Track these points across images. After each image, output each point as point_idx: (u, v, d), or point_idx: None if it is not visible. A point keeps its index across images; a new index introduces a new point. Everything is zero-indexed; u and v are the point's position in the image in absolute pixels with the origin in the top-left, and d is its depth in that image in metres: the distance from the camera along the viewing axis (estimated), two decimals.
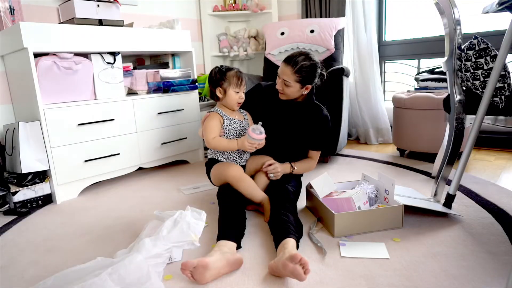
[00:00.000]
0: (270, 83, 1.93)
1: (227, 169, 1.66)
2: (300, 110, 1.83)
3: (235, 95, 1.70)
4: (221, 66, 1.75)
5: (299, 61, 1.69)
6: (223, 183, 1.70)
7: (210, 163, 1.78)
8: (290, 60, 1.70)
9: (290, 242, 1.27)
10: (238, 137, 1.73)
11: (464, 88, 1.60)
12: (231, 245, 1.31)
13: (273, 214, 1.46)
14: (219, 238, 1.35)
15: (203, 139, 1.76)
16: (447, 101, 1.69)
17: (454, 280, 1.13)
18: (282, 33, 2.90)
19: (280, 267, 1.14)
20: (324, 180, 1.66)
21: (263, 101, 1.89)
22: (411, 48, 3.09)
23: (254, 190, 1.64)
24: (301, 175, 1.91)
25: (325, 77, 1.82)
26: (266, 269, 1.23)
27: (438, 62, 2.89)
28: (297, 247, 1.31)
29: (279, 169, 1.72)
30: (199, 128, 1.81)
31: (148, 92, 2.52)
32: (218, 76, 1.70)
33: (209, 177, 1.82)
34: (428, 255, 1.28)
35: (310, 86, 1.76)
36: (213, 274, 1.17)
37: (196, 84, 2.68)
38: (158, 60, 2.86)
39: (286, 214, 1.42)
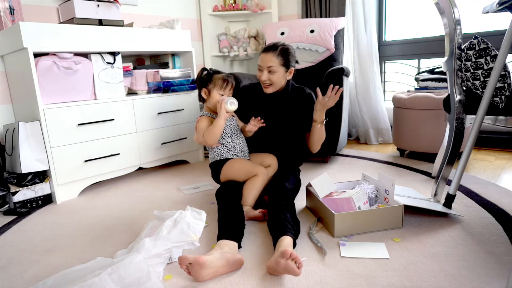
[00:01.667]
0: (252, 82, 1.96)
1: (258, 165, 1.71)
2: (285, 97, 1.86)
3: (218, 97, 1.71)
4: (210, 69, 1.78)
5: (278, 45, 1.76)
6: (227, 181, 1.70)
7: (217, 164, 1.77)
8: (269, 48, 1.77)
9: (285, 240, 1.27)
10: (233, 133, 1.76)
11: (464, 88, 1.60)
12: (232, 244, 1.31)
13: (271, 213, 1.47)
14: (220, 237, 1.35)
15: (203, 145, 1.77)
16: (447, 101, 1.69)
17: (454, 280, 1.12)
18: (282, 33, 2.90)
19: (274, 265, 1.15)
20: (324, 180, 1.66)
21: (250, 100, 1.91)
22: (411, 48, 3.09)
23: (256, 195, 1.66)
24: (299, 171, 1.91)
25: (297, 62, 1.87)
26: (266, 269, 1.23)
27: (438, 62, 2.89)
28: (294, 244, 1.31)
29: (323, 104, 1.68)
30: (194, 135, 1.82)
31: (148, 92, 2.52)
32: (205, 78, 1.74)
33: (214, 178, 1.83)
34: (428, 255, 1.28)
35: (293, 69, 1.81)
36: (211, 272, 1.17)
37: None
38: (158, 60, 2.86)
39: (284, 213, 1.42)
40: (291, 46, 1.82)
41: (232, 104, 1.65)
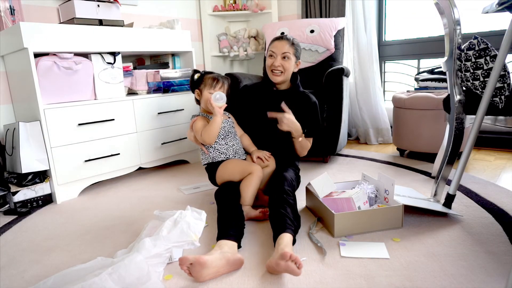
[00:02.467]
0: (254, 82, 1.98)
1: (251, 163, 1.73)
2: (287, 98, 1.86)
3: (209, 95, 1.73)
4: (203, 70, 1.83)
5: (289, 36, 1.85)
6: (226, 181, 1.71)
7: (211, 167, 1.78)
8: (282, 37, 1.84)
9: (284, 237, 1.28)
10: (227, 135, 1.77)
11: (464, 88, 1.60)
12: (231, 244, 1.31)
13: (272, 206, 1.47)
14: (219, 237, 1.35)
15: (197, 142, 1.79)
16: (447, 101, 1.69)
17: (454, 280, 1.13)
18: (282, 33, 2.90)
19: (274, 266, 1.16)
20: (324, 180, 1.66)
21: (252, 99, 1.93)
22: (411, 48, 3.09)
23: (253, 193, 1.66)
24: (299, 170, 1.91)
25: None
26: (267, 269, 1.23)
27: (438, 62, 2.90)
28: (294, 241, 1.33)
29: (290, 120, 1.72)
30: (188, 131, 1.82)
31: (148, 92, 2.52)
32: (197, 79, 1.78)
33: (211, 180, 1.83)
34: (428, 255, 1.28)
35: (300, 62, 1.88)
36: (211, 272, 1.17)
37: None
38: (158, 60, 2.86)
39: (284, 207, 1.43)
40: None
41: (219, 99, 1.65)
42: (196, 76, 1.78)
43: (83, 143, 2.10)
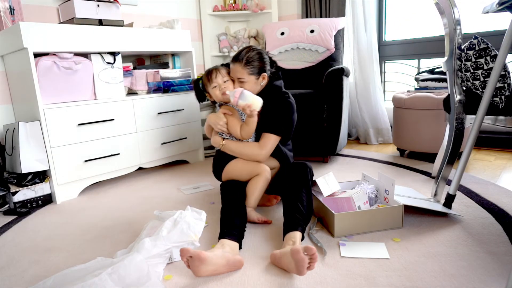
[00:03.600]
0: None
1: (261, 164, 1.67)
2: (268, 101, 1.71)
3: (215, 90, 1.72)
4: (197, 77, 1.85)
5: (244, 54, 1.67)
6: (230, 179, 1.70)
7: (220, 159, 1.75)
8: (236, 57, 1.69)
9: (297, 236, 1.31)
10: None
11: (464, 88, 1.60)
12: (233, 245, 1.32)
13: (289, 193, 1.48)
14: (222, 236, 1.35)
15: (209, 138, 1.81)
16: (447, 101, 1.69)
17: (454, 280, 1.12)
18: (282, 33, 2.90)
19: (288, 253, 1.16)
20: (329, 179, 1.66)
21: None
22: (411, 48, 3.09)
23: (260, 195, 1.66)
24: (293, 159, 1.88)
25: (276, 63, 1.78)
26: (266, 270, 1.23)
27: (438, 62, 2.89)
28: (302, 237, 1.36)
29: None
30: (205, 126, 1.83)
31: (148, 92, 2.52)
32: (201, 86, 1.81)
33: (214, 172, 1.81)
34: (428, 255, 1.28)
35: (266, 75, 1.72)
36: (210, 270, 1.17)
37: None
38: (158, 60, 2.86)
39: (301, 199, 1.44)
40: (260, 51, 1.70)
41: (245, 97, 1.54)
42: (200, 85, 1.80)
43: (83, 143, 2.10)
